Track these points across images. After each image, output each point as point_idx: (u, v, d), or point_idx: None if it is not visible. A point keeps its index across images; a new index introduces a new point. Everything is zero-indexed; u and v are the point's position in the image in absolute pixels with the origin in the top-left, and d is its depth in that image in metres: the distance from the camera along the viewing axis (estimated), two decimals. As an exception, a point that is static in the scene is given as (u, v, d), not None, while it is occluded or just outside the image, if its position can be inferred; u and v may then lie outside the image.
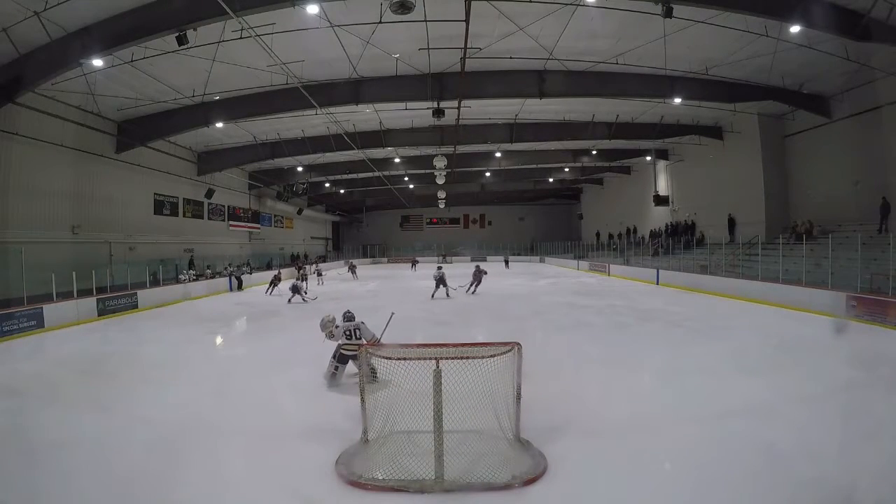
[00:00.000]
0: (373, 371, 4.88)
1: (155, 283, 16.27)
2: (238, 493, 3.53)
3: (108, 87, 12.91)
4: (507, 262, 32.65)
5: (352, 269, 26.75)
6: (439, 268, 16.54)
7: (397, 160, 25.58)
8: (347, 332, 6.01)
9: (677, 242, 21.23)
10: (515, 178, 32.56)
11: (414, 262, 32.07)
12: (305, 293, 15.90)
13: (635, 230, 28.51)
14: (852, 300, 10.06)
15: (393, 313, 6.83)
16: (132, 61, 11.09)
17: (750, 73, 13.30)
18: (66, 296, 11.65)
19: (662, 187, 24.70)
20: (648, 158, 23.97)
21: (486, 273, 17.29)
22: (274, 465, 3.96)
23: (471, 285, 16.59)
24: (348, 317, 6.23)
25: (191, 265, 19.62)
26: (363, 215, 45.94)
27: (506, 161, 25.49)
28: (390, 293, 18.10)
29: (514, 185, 36.64)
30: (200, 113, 15.17)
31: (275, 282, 18.15)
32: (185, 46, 9.67)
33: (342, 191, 34.31)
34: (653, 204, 23.72)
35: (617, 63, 12.68)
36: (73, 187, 14.88)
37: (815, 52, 11.31)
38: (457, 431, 3.90)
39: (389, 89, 14.02)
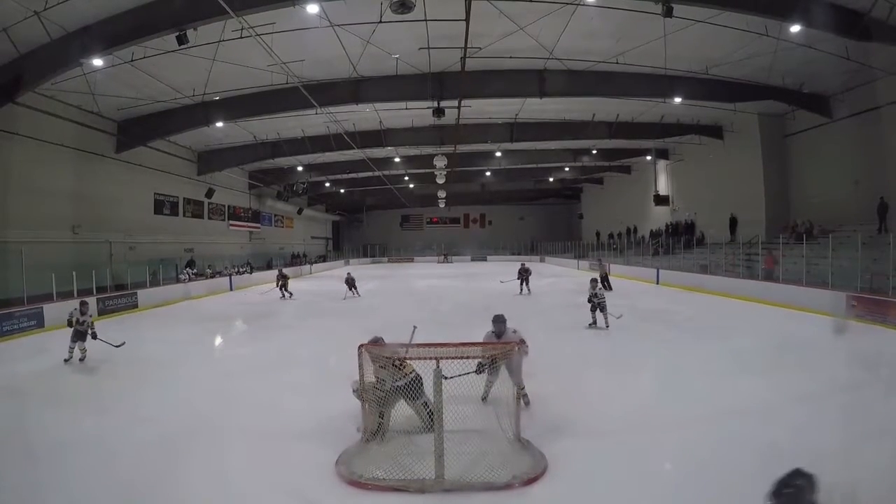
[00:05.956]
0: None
1: (155, 282, 16.28)
2: (238, 492, 3.53)
3: (109, 87, 12.88)
4: (606, 279, 16.42)
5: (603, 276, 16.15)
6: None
7: (397, 160, 25.55)
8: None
9: (677, 242, 21.20)
10: (515, 178, 32.50)
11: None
12: None
13: (635, 230, 28.48)
14: (852, 300, 10.06)
15: (415, 327, 5.05)
16: (132, 61, 11.08)
17: (750, 72, 13.28)
18: (66, 296, 11.66)
19: (662, 187, 24.69)
20: (648, 158, 23.95)
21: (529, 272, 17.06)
22: (274, 465, 3.97)
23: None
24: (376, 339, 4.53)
25: (191, 265, 19.60)
26: (363, 215, 45.93)
27: (506, 160, 25.46)
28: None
29: (515, 185, 36.59)
30: (200, 112, 15.16)
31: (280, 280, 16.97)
32: (185, 46, 9.67)
33: (342, 190, 34.28)
34: (653, 203, 23.72)
35: (617, 63, 12.67)
36: (73, 187, 14.84)
37: (815, 52, 11.30)
38: (457, 431, 3.90)
39: (389, 89, 14.01)
